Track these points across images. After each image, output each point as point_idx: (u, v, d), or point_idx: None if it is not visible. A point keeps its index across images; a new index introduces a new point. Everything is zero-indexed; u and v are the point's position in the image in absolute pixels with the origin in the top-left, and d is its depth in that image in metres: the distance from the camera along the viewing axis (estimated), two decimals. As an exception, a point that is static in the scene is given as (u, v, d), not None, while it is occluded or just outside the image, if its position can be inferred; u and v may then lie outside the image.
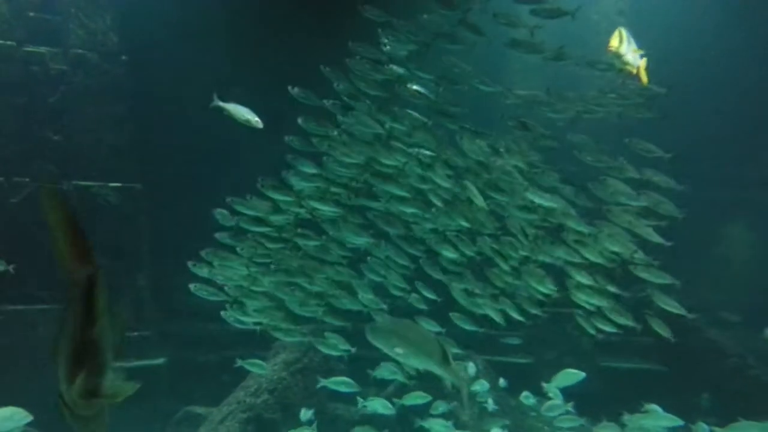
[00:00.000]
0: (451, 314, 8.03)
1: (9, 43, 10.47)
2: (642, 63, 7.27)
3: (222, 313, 7.47)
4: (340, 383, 8.03)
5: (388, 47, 6.98)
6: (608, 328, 7.30)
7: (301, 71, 7.09)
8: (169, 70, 10.47)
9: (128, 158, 10.64)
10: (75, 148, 10.42)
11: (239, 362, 8.22)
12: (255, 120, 6.69)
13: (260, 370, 8.21)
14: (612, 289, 7.21)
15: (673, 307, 7.16)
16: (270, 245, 7.38)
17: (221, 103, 6.90)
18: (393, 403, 8.12)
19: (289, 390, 8.80)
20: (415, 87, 7.10)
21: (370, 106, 7.12)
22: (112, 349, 2.05)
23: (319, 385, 8.21)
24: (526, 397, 8.62)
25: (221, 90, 7.46)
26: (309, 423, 7.99)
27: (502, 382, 8.97)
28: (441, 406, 8.21)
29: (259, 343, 9.96)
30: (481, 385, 8.77)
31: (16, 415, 5.74)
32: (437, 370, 5.38)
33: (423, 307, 7.91)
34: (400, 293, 7.81)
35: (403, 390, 8.52)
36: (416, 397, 8.17)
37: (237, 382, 8.99)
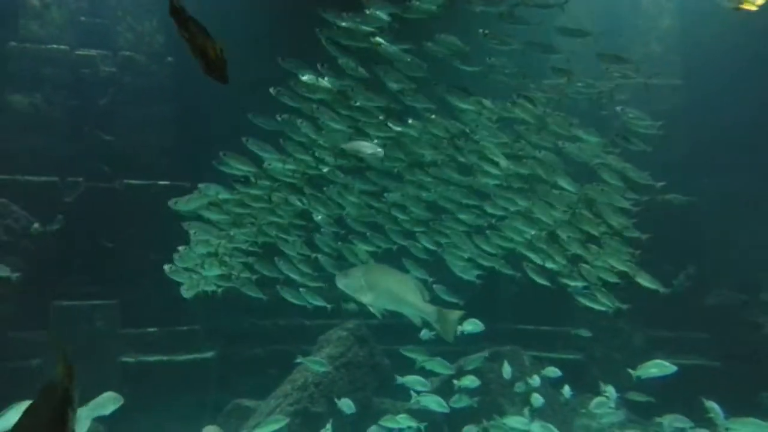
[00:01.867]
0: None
1: (61, 47, 10.83)
2: None
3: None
4: (416, 383, 7.92)
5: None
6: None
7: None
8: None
9: (175, 157, 10.85)
10: (125, 147, 10.68)
11: (300, 359, 8.30)
12: (378, 151, 6.61)
13: (320, 367, 8.29)
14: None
15: (649, 282, 7.06)
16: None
17: (344, 146, 6.78)
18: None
19: (334, 384, 8.83)
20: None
21: None
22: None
23: (398, 382, 8.16)
24: (565, 392, 8.44)
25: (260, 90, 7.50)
26: (350, 414, 8.00)
27: (566, 391, 8.57)
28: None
29: (305, 337, 10.07)
30: (533, 381, 8.62)
31: (114, 398, 5.92)
32: (408, 311, 5.17)
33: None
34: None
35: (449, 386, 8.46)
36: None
37: (284, 376, 9.09)
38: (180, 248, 7.19)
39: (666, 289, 7.29)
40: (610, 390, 8.04)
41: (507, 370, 8.56)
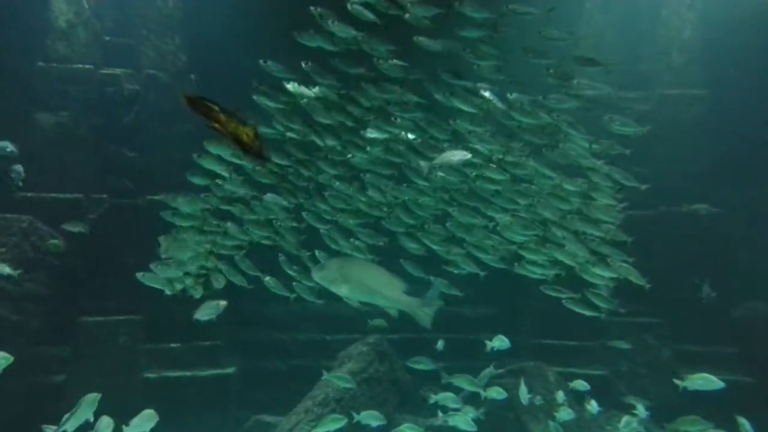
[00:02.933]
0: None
1: (87, 66, 11.06)
2: None
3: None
4: (448, 399, 7.85)
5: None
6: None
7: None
8: (237, 86, 10.73)
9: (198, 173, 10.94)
10: (148, 164, 10.82)
11: (325, 375, 8.29)
12: (465, 155, 6.64)
13: (345, 383, 8.27)
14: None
15: (635, 277, 7.11)
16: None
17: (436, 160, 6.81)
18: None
19: (355, 400, 8.79)
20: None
21: None
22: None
23: (430, 402, 8.11)
24: (592, 407, 8.25)
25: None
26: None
27: (593, 406, 8.34)
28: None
29: (325, 352, 10.05)
30: (559, 397, 8.46)
31: (151, 416, 5.99)
32: (383, 302, 5.25)
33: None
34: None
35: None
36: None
37: (305, 391, 9.07)
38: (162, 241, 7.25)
39: (649, 284, 7.22)
40: (640, 409, 7.86)
41: (524, 393, 8.17)
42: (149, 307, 9.66)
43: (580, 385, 8.41)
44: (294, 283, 7.27)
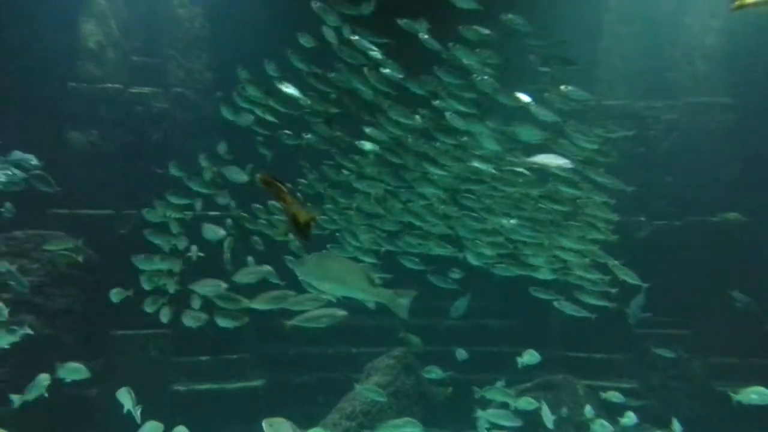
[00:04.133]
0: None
1: (116, 86, 11.35)
2: None
3: None
4: (501, 416, 7.73)
5: None
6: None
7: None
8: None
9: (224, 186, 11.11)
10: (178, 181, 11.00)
11: (357, 388, 8.32)
12: (566, 162, 6.76)
13: (377, 396, 8.29)
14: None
15: (630, 277, 7.27)
16: None
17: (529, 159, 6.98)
18: None
19: (383, 413, 8.78)
20: None
21: None
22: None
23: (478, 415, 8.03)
24: (628, 419, 8.05)
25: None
26: None
27: (629, 418, 8.10)
28: None
29: (352, 365, 10.07)
30: (587, 411, 8.31)
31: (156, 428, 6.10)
32: (362, 296, 5.53)
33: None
34: None
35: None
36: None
37: (332, 404, 9.09)
38: None
39: (647, 284, 7.41)
40: (676, 425, 7.69)
41: (548, 415, 7.76)
42: (178, 320, 9.79)
43: (614, 396, 8.24)
44: None
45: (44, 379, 6.65)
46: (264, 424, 4.40)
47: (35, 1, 10.73)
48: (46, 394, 6.86)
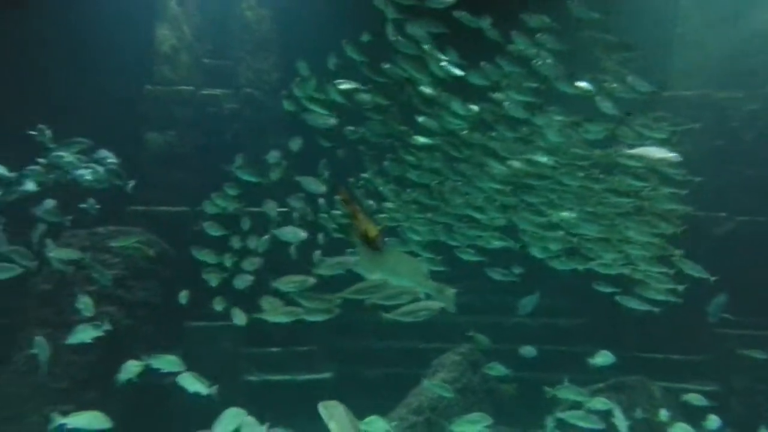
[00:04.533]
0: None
1: (189, 88, 11.79)
2: None
3: None
4: (578, 417, 7.57)
5: None
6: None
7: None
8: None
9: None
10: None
11: (425, 383, 8.36)
12: (671, 156, 6.76)
13: (446, 392, 8.32)
14: None
15: (697, 271, 7.13)
16: None
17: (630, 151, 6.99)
18: None
19: (450, 409, 8.74)
20: None
21: None
22: None
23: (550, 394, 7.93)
24: (711, 422, 7.63)
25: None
26: None
27: (712, 421, 7.47)
28: None
29: (419, 360, 10.07)
30: (662, 414, 7.97)
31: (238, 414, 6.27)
32: (412, 286, 5.58)
33: None
34: None
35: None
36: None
37: (398, 398, 9.13)
38: None
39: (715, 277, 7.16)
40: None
41: (621, 419, 7.39)
42: (252, 312, 10.08)
43: (696, 399, 7.85)
44: None
45: (134, 365, 6.97)
46: (320, 407, 4.53)
47: (113, 9, 11.27)
48: (136, 380, 7.16)
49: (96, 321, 7.39)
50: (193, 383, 6.72)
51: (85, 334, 7.27)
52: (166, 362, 6.95)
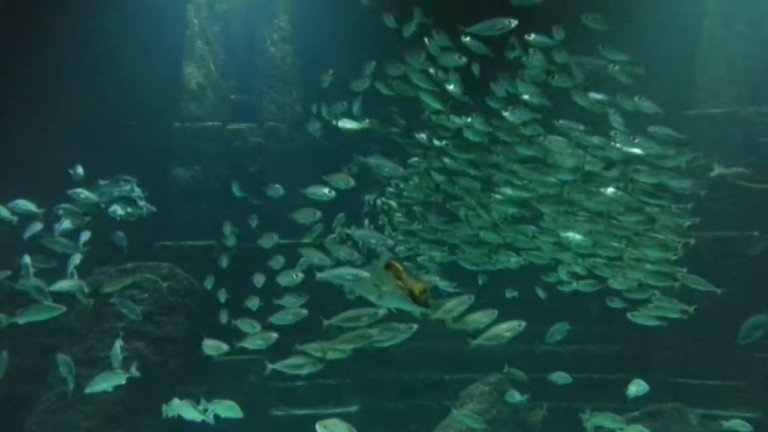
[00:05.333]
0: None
1: (216, 123, 12.05)
2: None
3: None
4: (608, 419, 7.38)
5: None
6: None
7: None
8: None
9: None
10: (272, 208, 11.42)
11: (454, 413, 8.21)
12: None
13: (476, 423, 8.15)
14: None
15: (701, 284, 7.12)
16: None
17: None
18: None
19: (479, 441, 8.55)
20: None
21: None
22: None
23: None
24: None
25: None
26: None
27: None
28: None
29: (445, 391, 9.92)
30: None
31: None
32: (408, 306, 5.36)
33: None
34: None
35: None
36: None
37: (426, 431, 8.98)
38: None
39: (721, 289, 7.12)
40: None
41: None
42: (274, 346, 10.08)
43: (740, 425, 7.52)
44: None
45: (189, 408, 6.96)
46: (318, 426, 4.63)
47: (143, 49, 11.62)
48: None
49: (119, 369, 7.38)
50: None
51: (105, 384, 7.26)
52: (226, 408, 6.92)
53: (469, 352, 10.05)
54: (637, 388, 7.67)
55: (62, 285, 7.51)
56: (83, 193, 8.20)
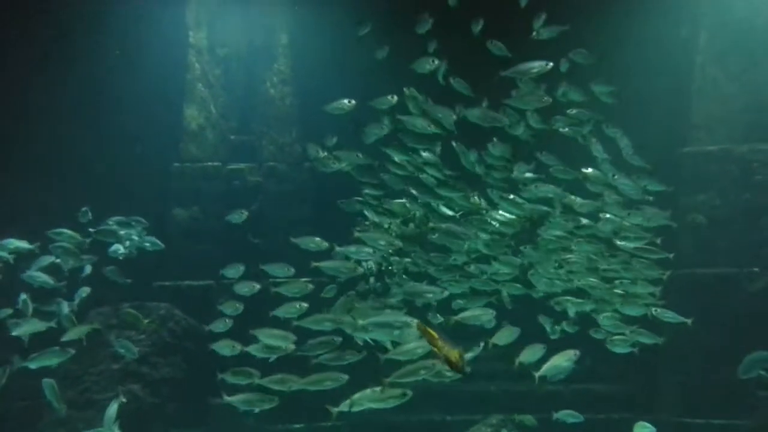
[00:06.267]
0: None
1: (215, 164, 12.14)
2: None
3: None
4: None
5: None
6: None
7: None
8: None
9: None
10: (271, 248, 11.40)
11: None
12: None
13: None
14: None
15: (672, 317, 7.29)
16: None
17: None
18: None
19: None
20: None
21: None
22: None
23: None
24: None
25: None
26: None
27: None
28: None
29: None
30: None
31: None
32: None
33: None
34: None
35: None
36: None
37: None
38: None
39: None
40: None
41: None
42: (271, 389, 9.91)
43: None
44: None
45: None
46: None
47: (145, 92, 11.79)
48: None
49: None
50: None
51: None
52: None
53: (469, 391, 9.98)
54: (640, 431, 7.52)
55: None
56: (65, 232, 8.22)
